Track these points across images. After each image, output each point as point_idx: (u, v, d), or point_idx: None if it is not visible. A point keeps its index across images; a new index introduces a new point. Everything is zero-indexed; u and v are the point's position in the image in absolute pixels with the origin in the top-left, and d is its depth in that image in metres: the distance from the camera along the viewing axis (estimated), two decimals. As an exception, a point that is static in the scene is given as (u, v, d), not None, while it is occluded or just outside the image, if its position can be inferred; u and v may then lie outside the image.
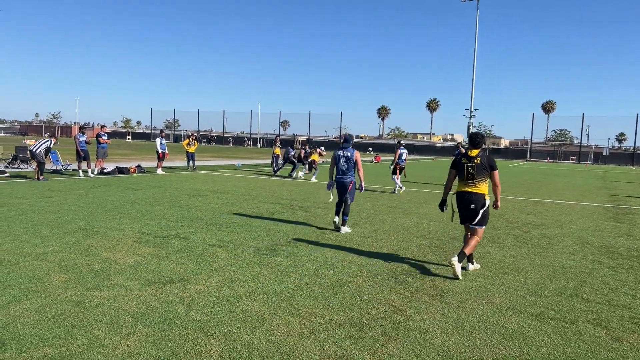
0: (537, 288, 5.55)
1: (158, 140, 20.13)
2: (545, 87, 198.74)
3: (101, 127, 19.39)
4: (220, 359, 3.52)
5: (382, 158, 46.27)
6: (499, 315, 4.62)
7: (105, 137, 18.48)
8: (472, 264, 6.26)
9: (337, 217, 8.79)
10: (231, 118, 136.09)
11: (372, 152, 68.16)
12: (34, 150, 15.13)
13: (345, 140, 8.80)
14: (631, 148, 68.97)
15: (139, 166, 19.86)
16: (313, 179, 19.03)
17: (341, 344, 3.85)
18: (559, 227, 9.82)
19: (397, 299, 4.98)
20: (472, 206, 6.09)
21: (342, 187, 8.60)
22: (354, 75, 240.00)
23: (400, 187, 15.63)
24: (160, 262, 5.99)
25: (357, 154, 8.67)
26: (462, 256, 5.86)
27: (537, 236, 8.78)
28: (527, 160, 67.70)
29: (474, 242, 6.02)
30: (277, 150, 21.51)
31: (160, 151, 19.70)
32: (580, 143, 70.23)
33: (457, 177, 6.34)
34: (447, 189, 6.57)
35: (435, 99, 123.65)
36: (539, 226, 9.89)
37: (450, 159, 57.07)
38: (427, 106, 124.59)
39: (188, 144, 21.99)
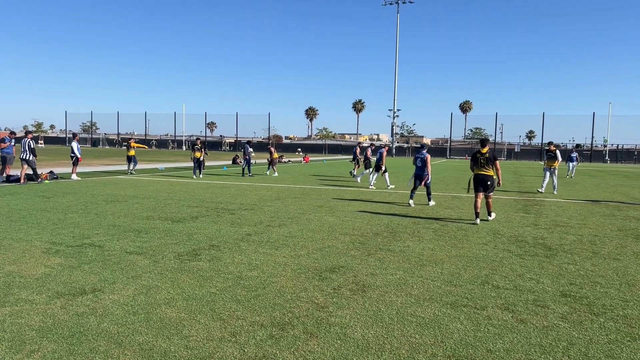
0: (453, 278, 5.83)
1: (75, 144, 19.27)
2: (462, 87, 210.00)
3: (10, 133, 18.09)
4: (134, 370, 3.36)
5: (310, 158, 46.65)
6: (417, 306, 4.80)
7: (8, 142, 17.21)
8: (490, 214, 10.32)
9: (411, 200, 12.61)
10: (154, 120, 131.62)
11: (301, 153, 68.52)
12: (28, 158, 16.15)
13: (421, 147, 13.03)
14: (539, 144, 74.61)
15: (51, 172, 18.60)
16: (358, 179, 20.70)
17: (262, 344, 3.82)
18: (474, 220, 10.39)
19: (320, 296, 5.02)
20: (489, 182, 9.94)
21: (420, 178, 12.50)
22: (281, 76, 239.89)
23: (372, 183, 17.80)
24: (71, 273, 5.63)
25: (428, 156, 12.52)
26: (490, 212, 10.29)
27: (454, 229, 9.23)
28: (447, 158, 71.10)
29: (491, 201, 10.23)
30: (198, 154, 20.93)
31: (77, 156, 18.98)
32: (495, 140, 74.87)
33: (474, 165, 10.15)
34: (473, 171, 10.24)
35: (361, 100, 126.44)
36: (456, 219, 10.41)
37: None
38: (353, 107, 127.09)
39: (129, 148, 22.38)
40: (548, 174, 17.15)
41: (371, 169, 19.24)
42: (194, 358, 3.56)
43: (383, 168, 16.94)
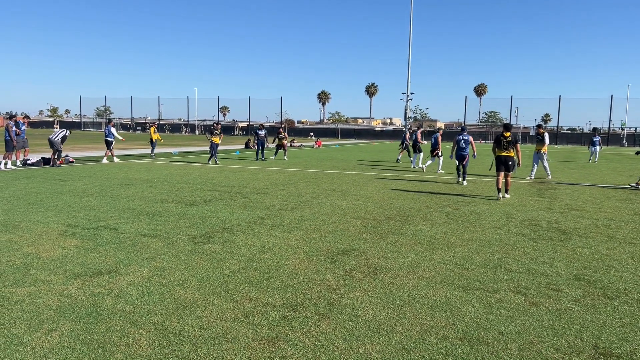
0: (465, 261, 5.82)
1: (114, 129, 20.44)
2: (477, 70, 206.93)
3: (24, 117, 18.40)
4: (149, 348, 3.43)
5: (323, 143, 46.56)
6: (428, 289, 4.80)
7: (22, 126, 17.49)
8: (507, 192, 11.23)
9: (459, 178, 14.31)
10: (167, 104, 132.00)
11: (313, 137, 68.33)
12: (52, 138, 17.07)
13: (463, 129, 14.65)
14: (555, 128, 73.47)
15: (66, 156, 18.85)
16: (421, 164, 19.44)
17: (274, 325, 3.87)
18: (487, 204, 10.33)
19: (332, 279, 5.05)
20: (510, 163, 10.98)
21: (463, 157, 14.04)
22: (294, 60, 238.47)
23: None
24: (87, 255, 5.74)
25: (471, 138, 14.23)
26: (507, 190, 11.17)
27: (467, 212, 9.19)
28: (461, 142, 70.25)
29: (510, 180, 11.25)
30: (216, 139, 20.51)
31: (112, 140, 20.06)
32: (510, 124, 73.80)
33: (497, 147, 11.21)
34: (494, 153, 11.26)
35: (374, 83, 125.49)
36: (469, 203, 10.35)
37: (390, 141, 57.95)
38: (366, 91, 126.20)
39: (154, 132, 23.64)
40: (539, 160, 16.03)
41: (422, 154, 19.95)
42: (207, 338, 3.62)
43: (440, 153, 17.86)
